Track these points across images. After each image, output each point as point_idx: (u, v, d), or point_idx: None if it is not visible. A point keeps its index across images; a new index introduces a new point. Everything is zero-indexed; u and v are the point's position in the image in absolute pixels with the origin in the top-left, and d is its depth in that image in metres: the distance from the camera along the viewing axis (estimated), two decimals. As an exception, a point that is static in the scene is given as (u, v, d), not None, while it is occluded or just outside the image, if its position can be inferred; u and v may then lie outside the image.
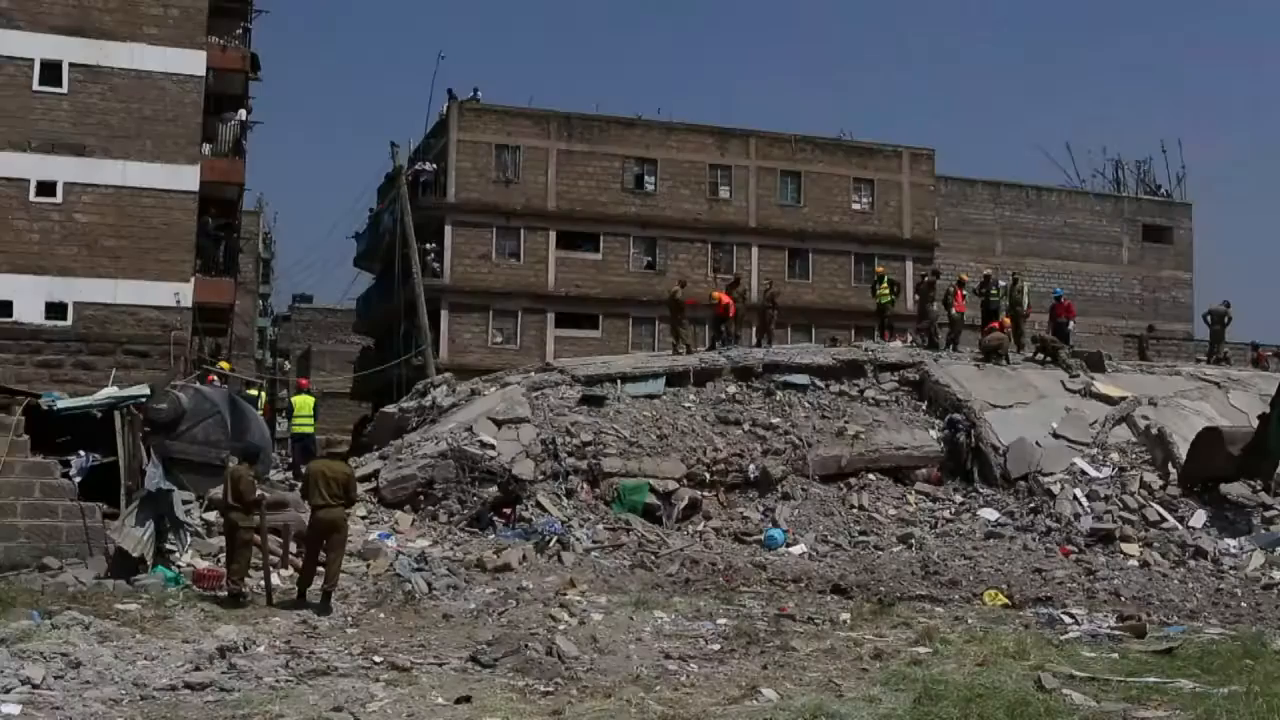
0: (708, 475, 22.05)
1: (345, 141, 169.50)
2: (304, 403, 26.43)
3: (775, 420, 23.98)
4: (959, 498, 22.84)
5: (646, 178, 47.57)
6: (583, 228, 46.43)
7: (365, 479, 20.58)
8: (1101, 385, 26.28)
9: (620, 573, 17.27)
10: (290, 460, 26.60)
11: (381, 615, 13.32)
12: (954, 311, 29.65)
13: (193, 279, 30.35)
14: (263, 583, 14.00)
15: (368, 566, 16.08)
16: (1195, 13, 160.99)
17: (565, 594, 14.93)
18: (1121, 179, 60.08)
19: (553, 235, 46.00)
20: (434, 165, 45.58)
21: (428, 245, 42.91)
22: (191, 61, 30.53)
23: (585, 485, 21.29)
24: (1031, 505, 21.88)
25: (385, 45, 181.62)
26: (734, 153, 48.73)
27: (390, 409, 27.25)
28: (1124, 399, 25.55)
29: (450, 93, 46.15)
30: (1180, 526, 20.59)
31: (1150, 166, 60.48)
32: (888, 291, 31.31)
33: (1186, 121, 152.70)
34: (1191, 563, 19.12)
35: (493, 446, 21.45)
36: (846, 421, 24.11)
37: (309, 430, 25.93)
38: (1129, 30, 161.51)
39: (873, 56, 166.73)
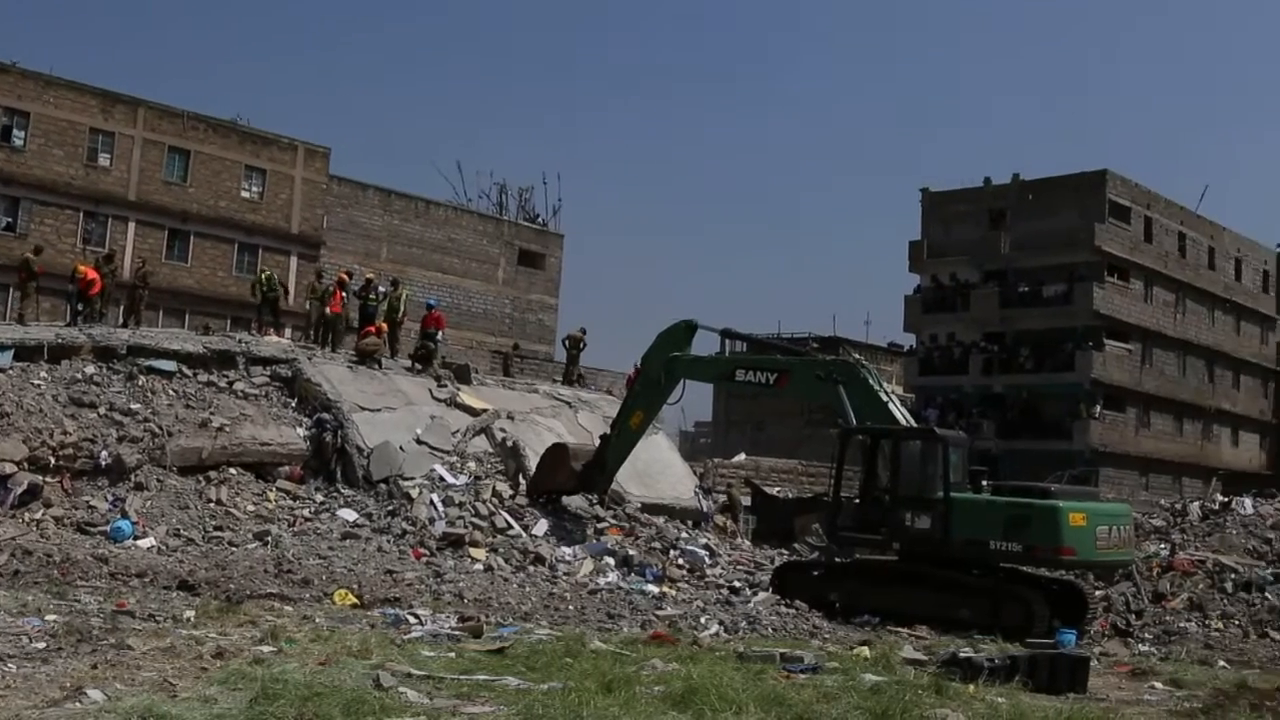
0: (53, 460, 20.59)
1: None
2: None
3: (136, 406, 22.84)
4: (320, 497, 22.96)
5: (16, 131, 43.46)
6: (-69, 176, 41.69)
7: None
8: (466, 397, 27.51)
9: (-63, 562, 15.69)
10: None
11: None
12: (330, 312, 29.76)
13: None
14: None
15: None
16: (589, 61, 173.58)
17: None
18: (504, 203, 63.01)
19: (-108, 181, 40.90)
20: None
21: None
22: None
23: (-99, 464, 19.14)
24: (390, 508, 22.43)
25: None
26: (120, 119, 45.75)
27: None
28: (485, 411, 26.95)
29: None
30: (524, 534, 21.98)
31: (532, 195, 63.83)
32: (265, 289, 30.94)
33: (567, 157, 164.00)
34: (531, 568, 20.45)
35: None
36: (212, 413, 23.44)
37: None
38: (517, 61, 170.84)
39: (270, 46, 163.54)
